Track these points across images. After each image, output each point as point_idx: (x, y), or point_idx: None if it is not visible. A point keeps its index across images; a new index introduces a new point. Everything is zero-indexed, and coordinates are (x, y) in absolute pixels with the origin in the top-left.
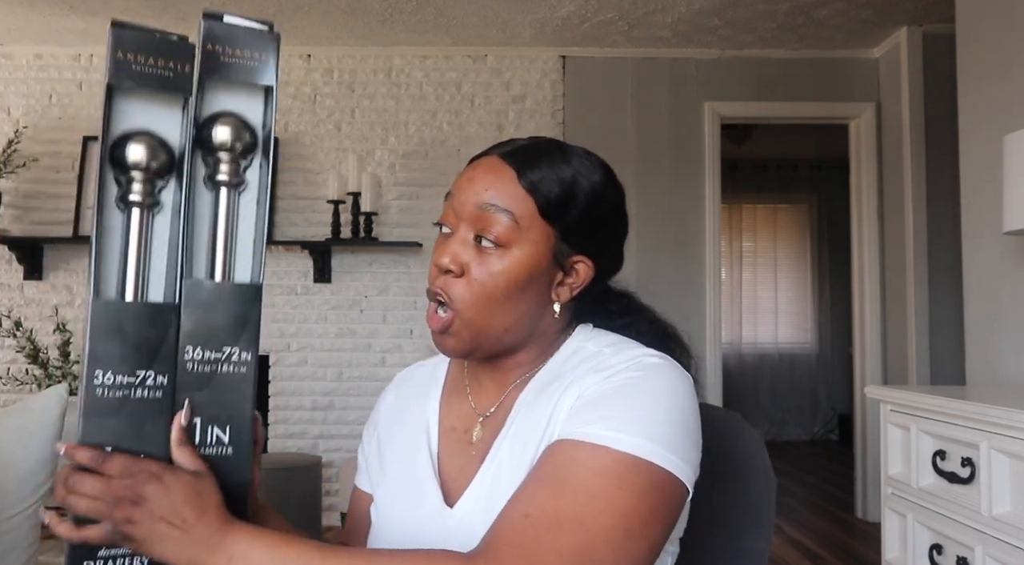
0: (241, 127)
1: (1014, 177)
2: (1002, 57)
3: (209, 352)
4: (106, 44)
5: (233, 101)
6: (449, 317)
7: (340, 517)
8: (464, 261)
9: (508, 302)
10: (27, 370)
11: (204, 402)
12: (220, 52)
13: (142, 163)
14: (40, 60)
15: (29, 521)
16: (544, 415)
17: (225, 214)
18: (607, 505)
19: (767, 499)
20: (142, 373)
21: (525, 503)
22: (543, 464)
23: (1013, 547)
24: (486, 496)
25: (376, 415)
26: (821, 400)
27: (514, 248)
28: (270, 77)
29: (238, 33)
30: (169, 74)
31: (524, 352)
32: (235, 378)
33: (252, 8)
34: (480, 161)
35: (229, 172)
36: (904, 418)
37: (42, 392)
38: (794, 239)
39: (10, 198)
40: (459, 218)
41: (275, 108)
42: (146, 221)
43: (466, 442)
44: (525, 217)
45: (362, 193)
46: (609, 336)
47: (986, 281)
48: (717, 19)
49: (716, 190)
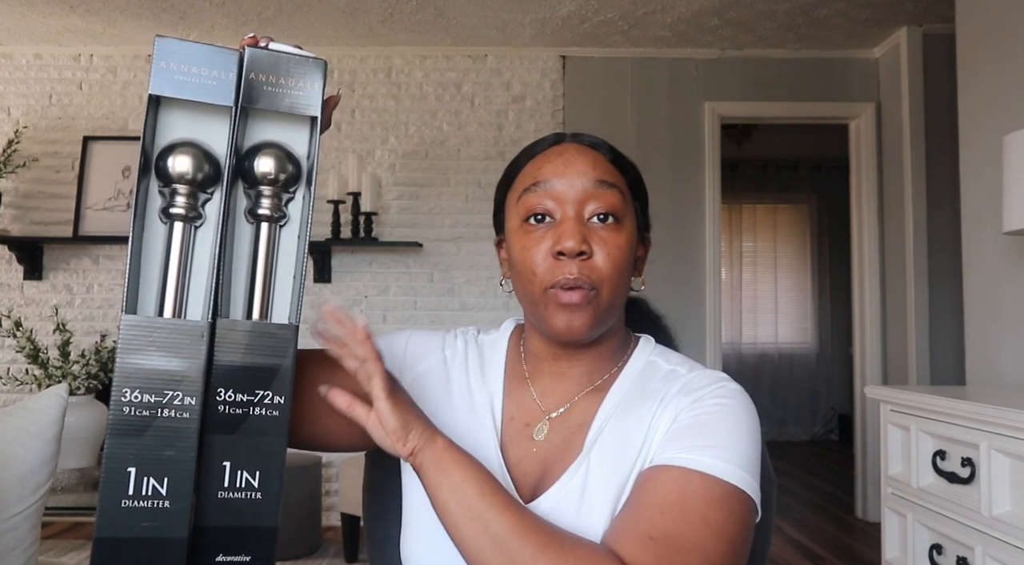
0: (284, 159)
1: (1014, 177)
2: (1002, 57)
3: (241, 395)
4: (152, 57)
5: (277, 132)
6: (589, 294)
7: (340, 517)
8: (589, 241)
9: (625, 278)
10: (27, 370)
11: (233, 446)
12: (264, 81)
13: (188, 174)
14: (40, 60)
15: (29, 521)
16: (639, 431)
17: (265, 250)
18: (722, 533)
19: (767, 499)
20: (170, 393)
21: (647, 526)
22: (655, 488)
23: (1013, 547)
24: (576, 501)
25: (426, 359)
26: (821, 400)
27: (625, 221)
28: (315, 107)
29: (282, 62)
30: (212, 82)
31: (604, 342)
32: (267, 422)
33: (252, 9)
34: (563, 147)
35: (271, 206)
36: (904, 418)
37: (42, 392)
38: (794, 239)
39: (10, 198)
40: (563, 202)
41: (318, 139)
42: (188, 235)
43: (526, 436)
44: (626, 192)
45: (362, 193)
46: (675, 354)
47: (986, 281)
48: (717, 19)
49: (716, 190)
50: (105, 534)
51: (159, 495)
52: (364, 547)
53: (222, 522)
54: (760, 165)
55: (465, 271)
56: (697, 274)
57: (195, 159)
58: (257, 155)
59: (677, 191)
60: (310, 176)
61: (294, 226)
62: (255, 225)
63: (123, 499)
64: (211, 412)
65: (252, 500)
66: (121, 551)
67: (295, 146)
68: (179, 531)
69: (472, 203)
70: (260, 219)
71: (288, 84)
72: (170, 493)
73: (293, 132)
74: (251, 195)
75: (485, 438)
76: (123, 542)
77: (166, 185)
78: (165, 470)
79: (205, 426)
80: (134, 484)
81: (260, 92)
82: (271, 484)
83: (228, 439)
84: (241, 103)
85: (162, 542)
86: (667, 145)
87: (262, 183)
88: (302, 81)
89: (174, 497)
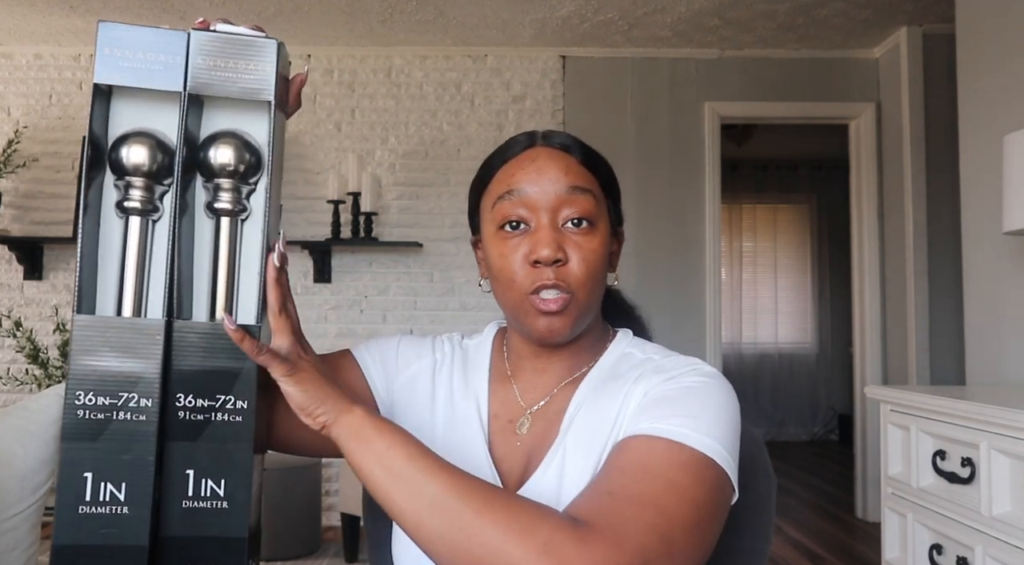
0: (243, 148)
1: (1014, 177)
2: (1002, 57)
3: (201, 400)
4: (94, 45)
5: (234, 120)
6: (566, 298)
7: (340, 517)
8: (564, 248)
9: (600, 278)
10: (27, 370)
11: (196, 453)
12: (212, 65)
13: (143, 166)
14: (40, 60)
15: (29, 521)
16: (611, 410)
17: (227, 247)
18: (684, 495)
19: (767, 499)
20: (124, 395)
21: (607, 484)
22: (620, 454)
23: (1013, 547)
24: (555, 484)
25: (416, 362)
26: (821, 400)
27: (599, 224)
28: (268, 91)
29: (230, 43)
30: (160, 68)
31: (586, 338)
32: (230, 428)
33: (252, 8)
34: (535, 152)
35: (231, 200)
36: (904, 418)
37: (42, 392)
38: (794, 239)
39: (10, 198)
40: (536, 209)
41: (277, 125)
42: (145, 230)
43: (510, 431)
44: (598, 194)
45: (362, 193)
46: (650, 344)
47: (986, 281)
48: (717, 19)
49: (716, 190)
50: (64, 542)
51: (117, 501)
52: (364, 547)
53: (188, 532)
54: (760, 165)
55: (465, 271)
56: (697, 274)
57: (150, 149)
58: (213, 145)
59: (677, 191)
60: (271, 165)
61: (257, 220)
62: (215, 220)
63: (80, 505)
64: (171, 418)
65: (218, 509)
66: (80, 559)
67: (254, 134)
68: (140, 538)
69: None
70: (219, 213)
71: (239, 67)
72: (128, 499)
73: (251, 119)
74: (209, 188)
75: (473, 438)
76: (82, 549)
77: (120, 178)
78: (123, 475)
79: (166, 433)
80: (91, 490)
81: (210, 77)
82: (238, 493)
83: (190, 446)
84: (190, 89)
85: (122, 549)
86: (667, 145)
87: (220, 175)
88: (253, 63)
89: (133, 503)
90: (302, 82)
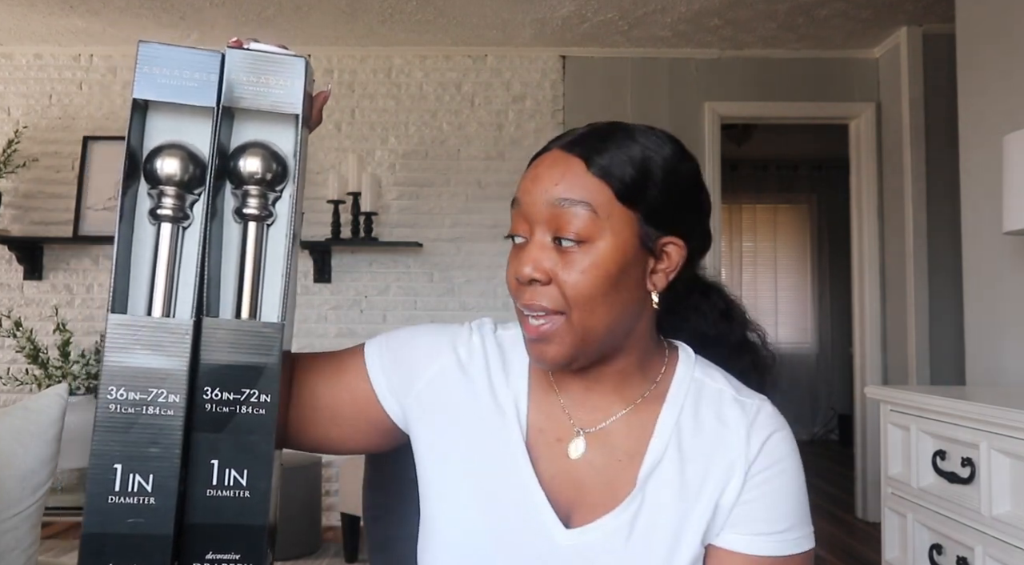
0: (270, 157)
1: (1014, 177)
2: (1002, 57)
3: (227, 393)
4: (134, 62)
5: (262, 132)
6: (549, 321)
7: (340, 517)
8: (547, 267)
9: (606, 299)
10: (27, 370)
11: (221, 444)
12: (245, 81)
13: (175, 176)
14: (40, 60)
15: (29, 521)
16: (697, 475)
17: (253, 249)
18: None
19: None
20: (154, 391)
21: None
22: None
23: (1013, 547)
24: (625, 535)
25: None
26: (821, 400)
27: (598, 241)
28: (297, 105)
29: (261, 61)
30: (195, 85)
31: (623, 357)
32: (254, 420)
33: (252, 9)
34: (541, 158)
35: (258, 206)
36: (904, 418)
37: (42, 392)
38: (794, 239)
39: (10, 198)
40: (531, 222)
41: (302, 137)
42: (176, 236)
43: (559, 452)
44: (603, 206)
45: (362, 193)
46: (712, 366)
47: (986, 281)
48: (717, 19)
49: (716, 190)
50: (93, 530)
51: (144, 492)
52: (364, 547)
53: (211, 520)
54: (760, 165)
55: (465, 271)
56: None
57: (182, 161)
58: (243, 155)
59: None
60: (296, 174)
61: (282, 224)
62: (243, 224)
63: (109, 495)
64: (198, 410)
65: (240, 498)
66: (108, 547)
67: (281, 145)
68: (165, 528)
69: (472, 203)
70: (247, 218)
71: (269, 83)
72: (155, 490)
73: (278, 131)
74: (238, 195)
75: (513, 442)
76: (110, 538)
77: (154, 187)
78: (150, 467)
79: (192, 424)
80: (120, 481)
81: (242, 92)
82: (259, 482)
83: (215, 437)
84: (223, 103)
85: (148, 538)
86: None
87: (248, 183)
88: (283, 79)
89: (159, 494)
90: (325, 99)
